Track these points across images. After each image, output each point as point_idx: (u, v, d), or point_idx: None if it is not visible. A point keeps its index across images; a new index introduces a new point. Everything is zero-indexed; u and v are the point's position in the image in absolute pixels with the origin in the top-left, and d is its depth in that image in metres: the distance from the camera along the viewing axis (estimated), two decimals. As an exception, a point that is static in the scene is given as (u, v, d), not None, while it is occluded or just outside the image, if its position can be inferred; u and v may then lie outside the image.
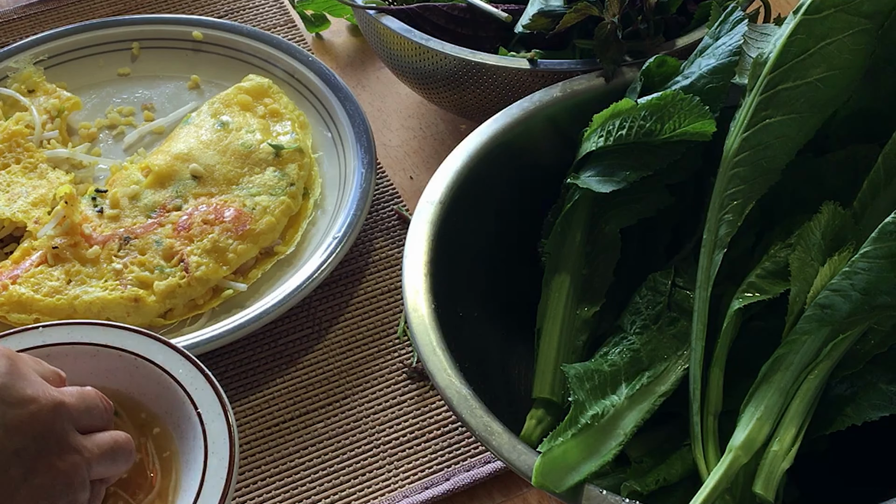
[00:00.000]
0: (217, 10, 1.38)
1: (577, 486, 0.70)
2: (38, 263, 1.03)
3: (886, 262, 0.70)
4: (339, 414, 0.98)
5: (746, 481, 0.72)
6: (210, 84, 1.26)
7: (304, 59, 1.23)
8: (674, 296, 0.82)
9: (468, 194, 0.89)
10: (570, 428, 0.73)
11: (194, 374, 0.83)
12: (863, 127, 0.81)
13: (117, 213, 1.07)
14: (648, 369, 0.78)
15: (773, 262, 0.78)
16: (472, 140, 0.91)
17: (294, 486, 0.93)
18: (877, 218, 0.73)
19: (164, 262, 1.04)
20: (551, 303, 0.85)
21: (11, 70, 1.23)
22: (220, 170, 1.11)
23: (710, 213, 0.79)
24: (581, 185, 0.85)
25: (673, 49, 1.00)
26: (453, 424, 0.96)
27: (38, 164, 1.15)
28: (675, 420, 0.78)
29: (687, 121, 0.81)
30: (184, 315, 1.03)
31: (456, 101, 1.09)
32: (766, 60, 0.78)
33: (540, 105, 0.94)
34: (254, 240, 1.06)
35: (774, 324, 0.76)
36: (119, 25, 1.29)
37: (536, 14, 1.04)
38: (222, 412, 0.81)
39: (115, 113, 1.23)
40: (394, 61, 1.11)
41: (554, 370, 0.82)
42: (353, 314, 1.05)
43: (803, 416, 0.73)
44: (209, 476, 0.77)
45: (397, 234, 1.12)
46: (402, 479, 0.93)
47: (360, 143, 1.14)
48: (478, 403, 0.74)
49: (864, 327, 0.74)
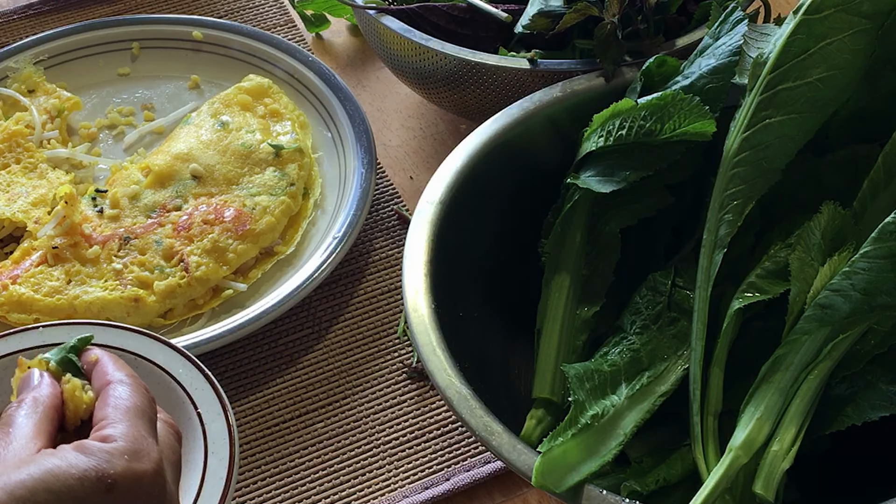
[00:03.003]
0: (217, 10, 1.38)
1: (577, 486, 0.70)
2: (38, 263, 1.03)
3: (886, 262, 0.70)
4: (339, 414, 0.98)
5: (746, 481, 0.72)
6: (210, 84, 1.26)
7: (304, 59, 1.23)
8: (674, 296, 0.82)
9: (468, 194, 0.89)
10: (570, 428, 0.73)
11: (194, 374, 0.83)
12: (863, 127, 0.81)
13: (117, 213, 1.07)
14: (648, 369, 0.78)
15: (773, 262, 0.78)
16: (472, 140, 0.91)
17: (294, 486, 0.93)
18: (877, 218, 0.73)
19: (164, 262, 1.04)
20: (551, 303, 0.85)
21: (11, 70, 1.23)
22: (220, 170, 1.11)
23: (710, 213, 0.79)
24: (581, 185, 0.85)
25: (673, 49, 1.00)
26: (453, 424, 0.96)
27: (38, 164, 1.15)
28: (675, 420, 0.78)
29: (687, 121, 0.81)
30: (184, 315, 1.03)
31: (456, 101, 1.09)
32: (766, 60, 0.78)
33: (540, 105, 0.94)
34: (254, 240, 1.06)
35: (774, 324, 0.76)
36: (119, 25, 1.29)
37: (536, 14, 1.04)
38: (222, 412, 0.81)
39: (115, 113, 1.23)
40: (394, 61, 1.11)
41: (554, 370, 0.82)
42: (353, 314, 1.05)
43: (803, 416, 0.73)
44: (209, 476, 0.77)
45: (397, 234, 1.12)
46: (402, 479, 0.93)
47: (360, 143, 1.14)
48: (478, 403, 0.74)
49: (864, 327, 0.74)
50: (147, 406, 0.64)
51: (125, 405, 0.63)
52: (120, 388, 0.64)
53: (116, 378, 0.65)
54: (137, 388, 0.64)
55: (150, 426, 0.63)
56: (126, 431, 0.60)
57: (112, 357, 0.67)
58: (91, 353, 0.67)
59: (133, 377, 0.65)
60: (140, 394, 0.64)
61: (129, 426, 0.61)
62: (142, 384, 0.65)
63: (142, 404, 0.63)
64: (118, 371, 0.65)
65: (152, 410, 0.64)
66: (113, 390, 0.64)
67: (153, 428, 0.63)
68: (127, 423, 0.61)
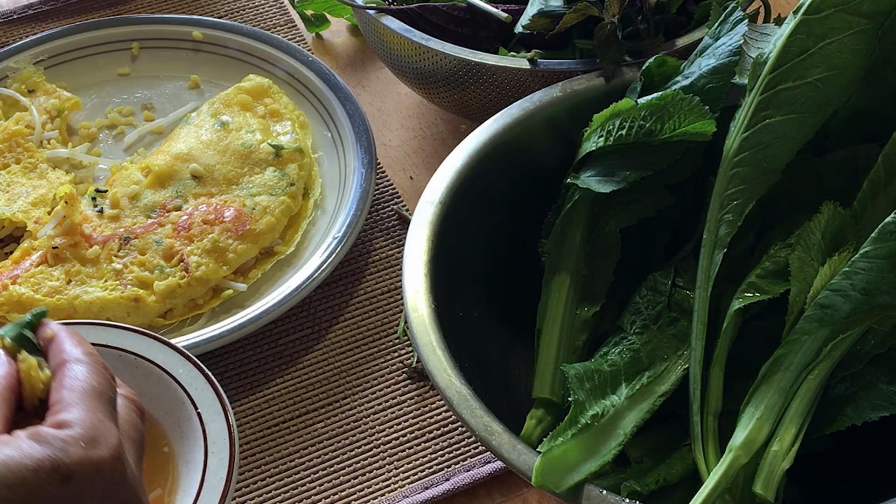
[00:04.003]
0: (217, 10, 1.38)
1: (577, 486, 0.70)
2: (38, 263, 1.03)
3: (886, 262, 0.70)
4: (339, 414, 0.98)
5: (746, 481, 0.72)
6: (210, 84, 1.26)
7: (304, 59, 1.23)
8: (674, 296, 0.82)
9: (468, 194, 0.89)
10: (570, 428, 0.73)
11: (194, 374, 0.83)
12: (863, 127, 0.81)
13: (117, 213, 1.07)
14: (648, 369, 0.78)
15: (773, 262, 0.78)
16: (472, 140, 0.91)
17: (294, 486, 0.93)
18: (877, 218, 0.73)
19: (164, 262, 1.04)
20: (551, 303, 0.85)
21: (11, 70, 1.23)
22: (220, 170, 1.11)
23: (710, 213, 0.79)
24: (581, 185, 0.85)
25: (673, 49, 1.00)
26: (453, 424, 0.96)
27: (38, 164, 1.15)
28: (675, 420, 0.78)
29: (687, 121, 0.81)
30: (184, 315, 1.03)
31: (456, 101, 1.09)
32: (766, 60, 0.78)
33: (540, 105, 0.94)
34: (254, 240, 1.06)
35: (774, 324, 0.76)
36: (119, 25, 1.29)
37: (536, 14, 1.04)
38: (222, 412, 0.81)
39: (115, 113, 1.23)
40: (394, 61, 1.11)
41: (554, 370, 0.82)
42: (353, 314, 1.05)
43: (803, 416, 0.73)
44: (209, 476, 0.77)
45: (397, 234, 1.12)
46: (402, 479, 0.93)
47: (360, 143, 1.14)
48: (478, 403, 0.74)
49: (864, 327, 0.74)
50: (105, 386, 0.61)
51: (81, 387, 0.60)
52: (76, 367, 0.61)
53: (73, 357, 0.62)
54: (95, 366, 0.62)
55: (109, 407, 0.60)
56: (82, 416, 0.58)
57: (69, 332, 0.64)
58: (47, 329, 0.64)
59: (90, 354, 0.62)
60: (97, 373, 0.61)
61: (86, 410, 0.58)
62: (100, 361, 0.62)
63: (99, 385, 0.61)
64: (75, 348, 0.62)
65: (111, 389, 0.61)
66: (69, 370, 0.61)
67: (112, 409, 0.60)
68: (83, 406, 0.59)
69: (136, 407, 0.64)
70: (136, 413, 0.63)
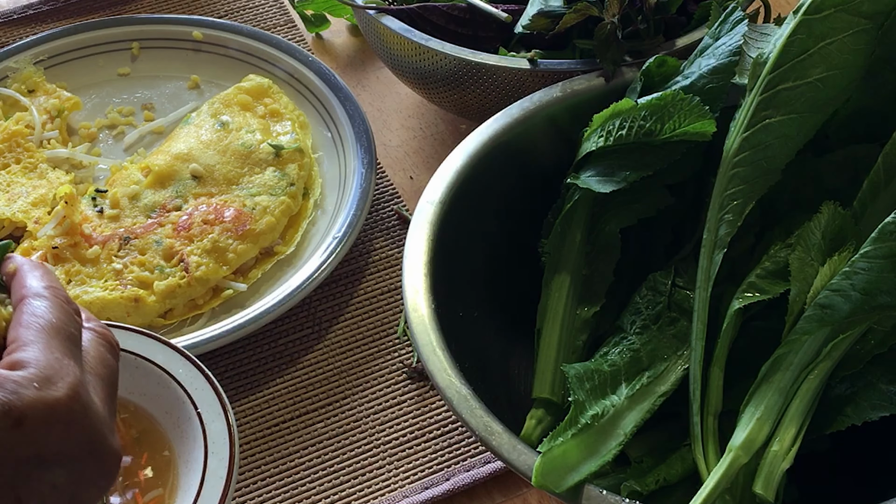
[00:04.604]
0: (217, 10, 1.38)
1: (577, 486, 0.70)
2: (38, 263, 1.03)
3: (886, 262, 0.70)
4: (339, 414, 0.98)
5: (746, 481, 0.72)
6: (210, 84, 1.26)
7: (304, 59, 1.23)
8: (674, 296, 0.82)
9: (468, 194, 0.89)
10: (570, 428, 0.73)
11: (194, 374, 0.83)
12: (863, 127, 0.81)
13: (117, 213, 1.08)
14: (648, 369, 0.78)
15: (773, 262, 0.78)
16: (472, 140, 0.91)
17: (294, 486, 0.93)
18: (877, 218, 0.73)
19: (164, 262, 1.04)
20: (551, 303, 0.85)
21: (11, 70, 1.23)
22: (220, 170, 1.11)
23: (710, 213, 0.79)
24: (581, 185, 0.85)
25: (673, 49, 1.00)
26: (453, 424, 0.96)
27: (38, 164, 1.15)
28: (675, 420, 0.78)
29: (687, 121, 0.81)
30: (184, 315, 1.03)
31: (456, 101, 1.09)
32: (766, 60, 0.78)
33: (540, 105, 0.94)
34: (254, 240, 1.06)
35: (774, 324, 0.76)
36: (119, 25, 1.29)
37: (536, 14, 1.04)
38: (222, 412, 0.81)
39: (115, 113, 1.23)
40: (394, 61, 1.11)
41: (554, 370, 0.82)
42: (353, 314, 1.05)
43: (803, 416, 0.73)
44: (209, 476, 0.77)
45: (397, 234, 1.12)
46: (402, 479, 0.93)
47: (360, 143, 1.14)
48: (478, 403, 0.74)
49: (864, 327, 0.74)
50: (66, 321, 0.57)
51: (39, 324, 0.56)
52: (36, 302, 0.58)
53: (33, 291, 0.58)
54: (56, 301, 0.58)
55: (69, 344, 0.57)
56: (38, 355, 0.55)
57: (33, 265, 0.61)
58: (10, 263, 0.61)
59: (53, 288, 0.59)
60: (58, 308, 0.58)
61: (42, 348, 0.55)
62: (62, 295, 0.59)
63: (59, 321, 0.57)
64: (37, 282, 0.59)
65: (72, 325, 0.58)
66: (28, 306, 0.57)
67: (72, 345, 0.57)
68: (40, 344, 0.55)
69: (105, 341, 0.60)
70: (107, 348, 0.60)
